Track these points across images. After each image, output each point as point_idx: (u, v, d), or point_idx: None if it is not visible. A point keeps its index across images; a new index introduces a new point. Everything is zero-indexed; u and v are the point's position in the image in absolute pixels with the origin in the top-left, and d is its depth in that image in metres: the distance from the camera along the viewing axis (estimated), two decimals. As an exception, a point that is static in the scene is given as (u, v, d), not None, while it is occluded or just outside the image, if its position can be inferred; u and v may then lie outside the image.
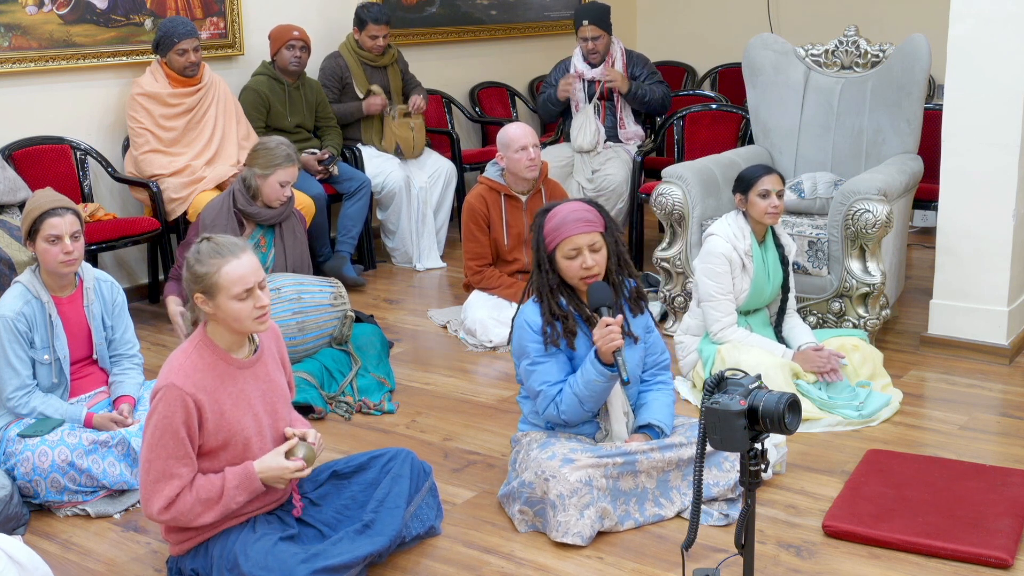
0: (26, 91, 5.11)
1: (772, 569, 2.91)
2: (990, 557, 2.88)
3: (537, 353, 3.15)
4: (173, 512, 2.71)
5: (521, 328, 3.19)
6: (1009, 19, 4.20)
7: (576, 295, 3.18)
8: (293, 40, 5.67)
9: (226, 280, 2.71)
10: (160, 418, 2.68)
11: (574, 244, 3.09)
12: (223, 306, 2.73)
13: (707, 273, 3.96)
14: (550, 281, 3.15)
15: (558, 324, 3.14)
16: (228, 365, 2.79)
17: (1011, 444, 3.68)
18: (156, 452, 2.68)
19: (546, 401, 3.15)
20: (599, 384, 3.06)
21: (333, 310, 4.29)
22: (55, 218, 3.38)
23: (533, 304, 3.19)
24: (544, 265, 3.16)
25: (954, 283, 4.51)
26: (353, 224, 5.82)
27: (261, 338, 2.91)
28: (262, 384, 2.86)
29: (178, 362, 2.74)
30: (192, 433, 2.71)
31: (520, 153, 4.76)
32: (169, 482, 2.69)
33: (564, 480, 3.02)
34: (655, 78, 6.12)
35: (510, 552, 3.04)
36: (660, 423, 3.24)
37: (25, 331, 3.40)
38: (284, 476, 2.82)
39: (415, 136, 6.17)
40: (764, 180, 3.91)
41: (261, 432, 2.84)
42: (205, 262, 2.73)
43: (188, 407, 2.68)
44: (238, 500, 2.77)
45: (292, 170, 4.35)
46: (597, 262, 3.11)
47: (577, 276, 3.12)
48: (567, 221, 3.11)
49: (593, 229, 3.12)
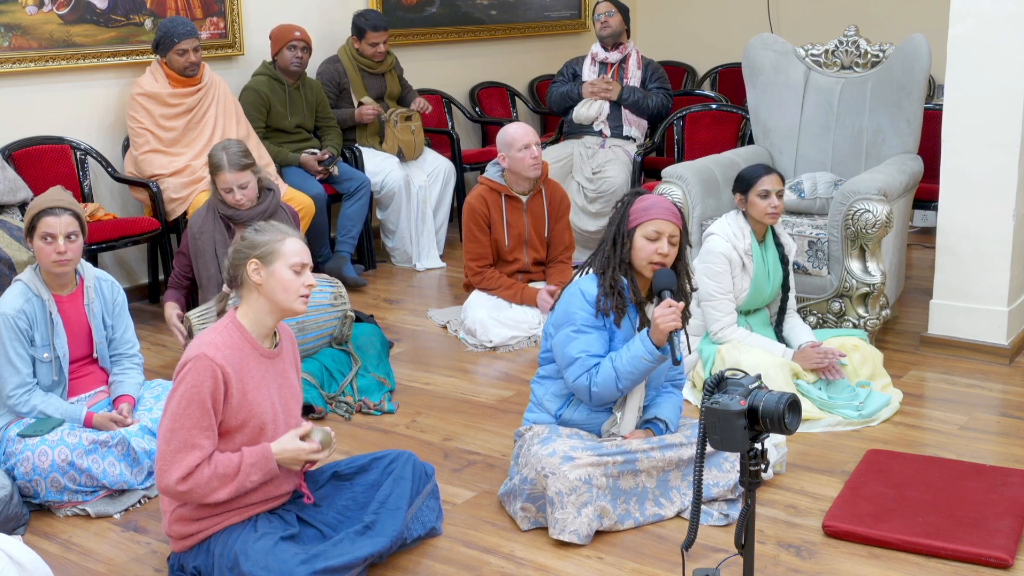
0: (26, 91, 5.11)
1: (772, 569, 2.91)
2: (990, 557, 2.88)
3: (584, 321, 3.19)
4: (191, 483, 2.71)
5: (573, 295, 3.23)
6: (1009, 19, 4.20)
7: (636, 281, 3.22)
8: (295, 40, 5.67)
9: (288, 249, 2.83)
10: (188, 387, 2.70)
11: (659, 227, 3.17)
12: (278, 273, 2.81)
13: (707, 272, 3.96)
14: (622, 255, 3.20)
15: (613, 298, 3.19)
16: (254, 350, 2.84)
17: (1011, 444, 3.68)
18: (180, 421, 2.70)
19: (581, 369, 3.16)
20: (644, 363, 3.09)
21: (333, 310, 4.29)
22: (51, 217, 3.38)
23: (591, 277, 3.24)
24: (621, 239, 3.21)
25: (954, 283, 4.51)
26: (353, 224, 5.82)
27: (281, 338, 2.96)
28: (280, 379, 2.91)
29: (209, 337, 2.78)
30: (217, 405, 2.73)
31: (523, 152, 4.76)
32: (191, 452, 2.70)
33: (563, 477, 3.02)
34: (660, 85, 6.15)
35: (510, 552, 3.04)
36: (665, 418, 3.27)
37: (26, 329, 3.40)
38: (300, 458, 2.85)
39: (416, 139, 6.18)
40: (764, 180, 3.91)
41: (276, 421, 2.87)
42: (267, 232, 2.85)
43: (217, 378, 2.71)
44: (253, 479, 2.79)
45: (234, 175, 4.21)
46: (671, 253, 3.18)
47: (648, 259, 3.17)
48: (659, 206, 3.20)
49: (679, 222, 3.21)
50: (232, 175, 4.23)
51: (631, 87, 6.08)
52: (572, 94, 6.18)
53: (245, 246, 2.85)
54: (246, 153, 4.29)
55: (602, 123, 6.10)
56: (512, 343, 4.76)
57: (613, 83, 6.06)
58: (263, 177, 4.37)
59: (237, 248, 2.86)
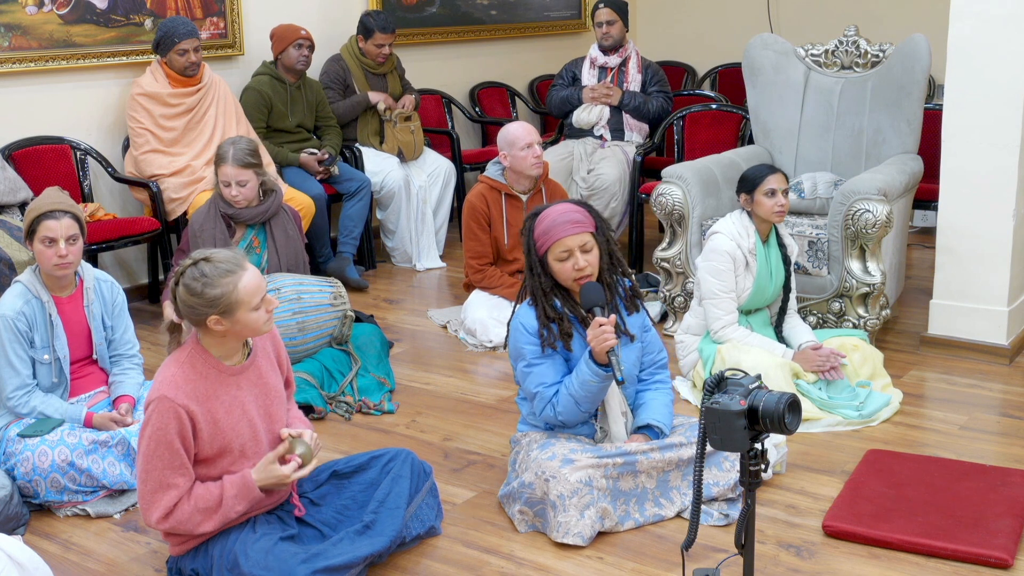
0: (26, 91, 5.11)
1: (772, 569, 2.91)
2: (990, 557, 2.88)
3: (533, 355, 3.15)
4: (172, 521, 2.71)
5: (517, 331, 3.19)
6: (1009, 19, 4.20)
7: (570, 297, 3.18)
8: (301, 39, 5.67)
9: (244, 294, 2.67)
10: (153, 430, 2.67)
11: (565, 246, 3.09)
12: (242, 320, 2.69)
13: (710, 271, 3.96)
14: (543, 284, 3.14)
15: (554, 326, 3.14)
16: (220, 373, 2.77)
17: (1011, 444, 3.68)
18: (152, 463, 2.68)
19: (543, 403, 3.15)
20: (594, 384, 3.06)
21: (333, 310, 4.29)
22: (51, 221, 3.38)
23: (528, 307, 3.19)
24: (536, 268, 3.15)
25: (954, 283, 4.51)
26: (355, 225, 5.82)
27: (253, 343, 2.89)
28: (255, 388, 2.85)
29: (169, 373, 2.72)
30: (187, 444, 2.70)
31: (526, 151, 4.76)
32: (167, 492, 2.69)
33: (564, 480, 3.02)
34: (660, 88, 6.15)
35: (510, 552, 3.04)
36: (659, 423, 3.24)
37: (25, 330, 3.40)
38: (283, 482, 2.81)
39: (415, 139, 6.18)
40: (770, 179, 3.91)
41: (257, 437, 2.83)
42: (217, 283, 2.65)
43: (181, 418, 2.67)
44: (237, 509, 2.77)
45: (235, 170, 4.24)
46: (589, 262, 3.11)
47: (570, 278, 3.12)
48: (556, 223, 3.10)
49: (583, 230, 3.11)
50: (233, 169, 4.25)
51: (631, 92, 6.08)
52: (572, 99, 6.18)
53: (200, 303, 2.65)
54: (254, 153, 4.31)
55: (602, 127, 6.09)
56: (512, 343, 4.75)
57: (613, 88, 6.06)
58: (267, 180, 4.38)
59: (190, 304, 2.67)
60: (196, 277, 2.67)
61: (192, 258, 2.72)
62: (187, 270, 2.70)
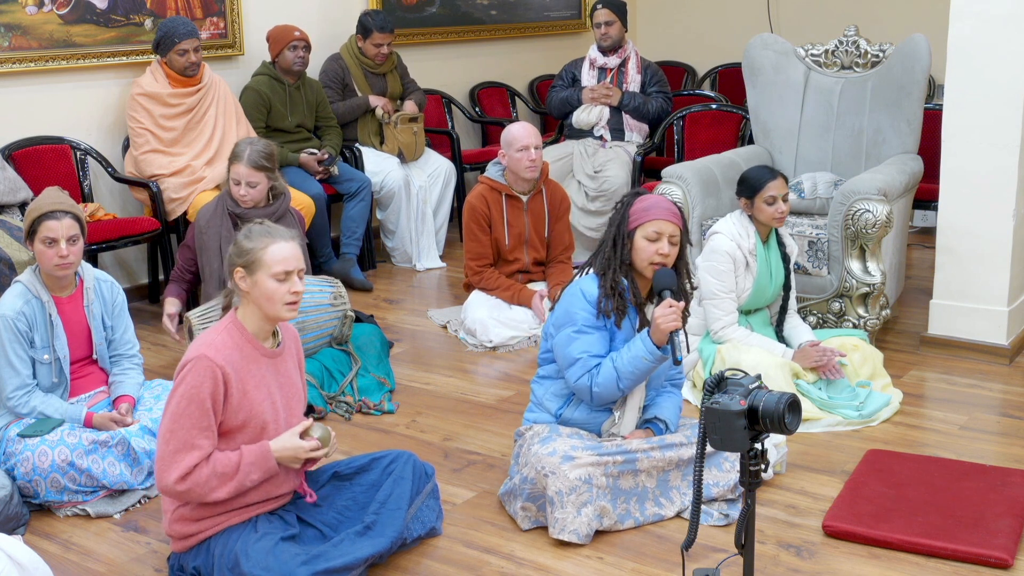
0: (26, 91, 5.11)
1: (772, 569, 2.91)
2: (990, 557, 2.88)
3: (585, 321, 3.19)
4: (189, 483, 2.71)
5: (574, 296, 3.23)
6: (1009, 19, 4.20)
7: (636, 282, 3.22)
8: (295, 41, 5.67)
9: (270, 258, 2.78)
10: (188, 387, 2.71)
11: (658, 227, 3.16)
12: (260, 283, 2.79)
13: (710, 271, 3.97)
14: (623, 256, 3.20)
15: (614, 300, 3.18)
16: (255, 350, 2.84)
17: (1011, 444, 3.68)
18: (180, 422, 2.70)
19: (583, 370, 3.17)
20: (645, 363, 3.09)
21: (333, 310, 4.29)
22: (52, 221, 3.38)
23: (592, 277, 3.24)
24: (621, 240, 3.21)
25: (954, 283, 4.51)
26: (357, 226, 5.82)
27: (284, 337, 2.96)
28: (282, 378, 2.91)
29: (210, 338, 2.79)
30: (217, 406, 2.74)
31: (521, 153, 4.77)
32: (189, 452, 2.71)
33: (563, 477, 3.02)
34: (659, 89, 6.16)
35: (510, 552, 3.04)
36: (665, 418, 3.27)
37: (25, 330, 3.40)
38: (299, 456, 2.84)
39: (416, 140, 6.18)
40: (770, 187, 3.90)
41: (277, 420, 2.87)
42: (254, 238, 2.82)
43: (217, 378, 2.72)
44: (252, 478, 2.79)
45: (247, 171, 4.27)
46: (671, 253, 3.18)
47: (649, 260, 3.17)
48: (659, 206, 3.20)
49: (679, 222, 3.20)
50: (245, 169, 4.29)
51: (631, 93, 6.09)
52: (572, 100, 6.18)
53: (234, 252, 2.84)
54: (269, 157, 4.34)
55: (602, 128, 6.09)
56: (512, 343, 4.76)
57: (613, 89, 6.06)
58: (277, 184, 4.41)
59: (231, 253, 2.86)
60: (244, 232, 2.87)
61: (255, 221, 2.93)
62: (245, 228, 2.89)
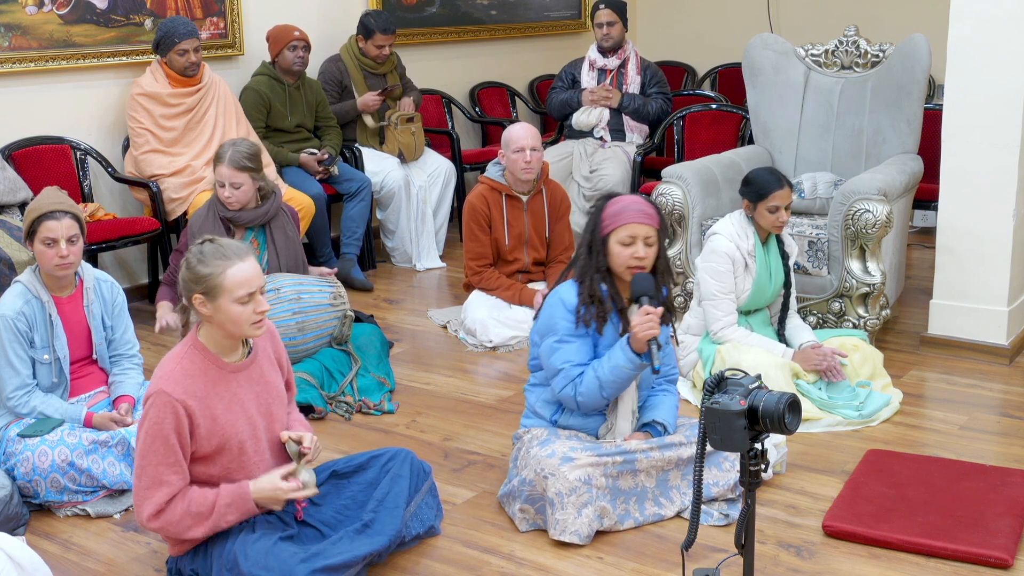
0: (26, 91, 5.11)
1: (772, 569, 2.91)
2: (990, 557, 2.88)
3: (566, 331, 3.17)
4: (162, 521, 2.70)
5: (554, 305, 3.21)
6: (1009, 19, 4.20)
7: (616, 285, 3.20)
8: (295, 41, 5.67)
9: (230, 282, 2.69)
10: (151, 425, 2.67)
11: (631, 232, 3.12)
12: (223, 309, 2.71)
13: (709, 272, 3.96)
14: (598, 264, 3.17)
15: (593, 308, 3.16)
16: (220, 369, 2.78)
17: (1011, 444, 3.68)
18: (147, 459, 2.68)
19: (565, 380, 3.16)
20: (625, 371, 3.07)
21: (333, 310, 4.29)
22: (52, 221, 3.38)
23: (571, 284, 3.21)
24: (596, 247, 3.18)
25: (954, 283, 4.51)
26: (357, 226, 5.81)
27: (255, 339, 2.90)
28: (256, 387, 2.86)
29: (168, 368, 2.73)
30: (183, 440, 2.70)
31: (517, 154, 4.77)
32: (159, 489, 2.68)
33: (563, 478, 3.02)
34: (659, 90, 6.16)
35: (510, 552, 3.04)
36: (663, 420, 3.26)
37: (25, 330, 3.40)
38: (279, 498, 2.81)
39: (416, 140, 6.18)
40: (776, 196, 3.87)
41: (256, 435, 2.84)
42: (209, 263, 2.70)
43: (178, 414, 2.67)
44: (228, 519, 2.76)
45: (230, 171, 4.22)
46: (648, 255, 3.14)
47: (625, 264, 3.14)
48: (630, 209, 3.15)
49: (652, 223, 3.15)
50: (228, 170, 4.23)
51: (631, 94, 6.09)
52: (572, 101, 6.18)
53: (189, 278, 2.72)
54: (252, 157, 4.28)
55: (602, 129, 6.10)
56: (512, 343, 4.75)
57: (613, 90, 6.07)
58: (264, 184, 4.36)
59: (183, 279, 2.74)
60: (195, 254, 2.74)
61: (203, 238, 2.80)
62: (194, 247, 2.77)
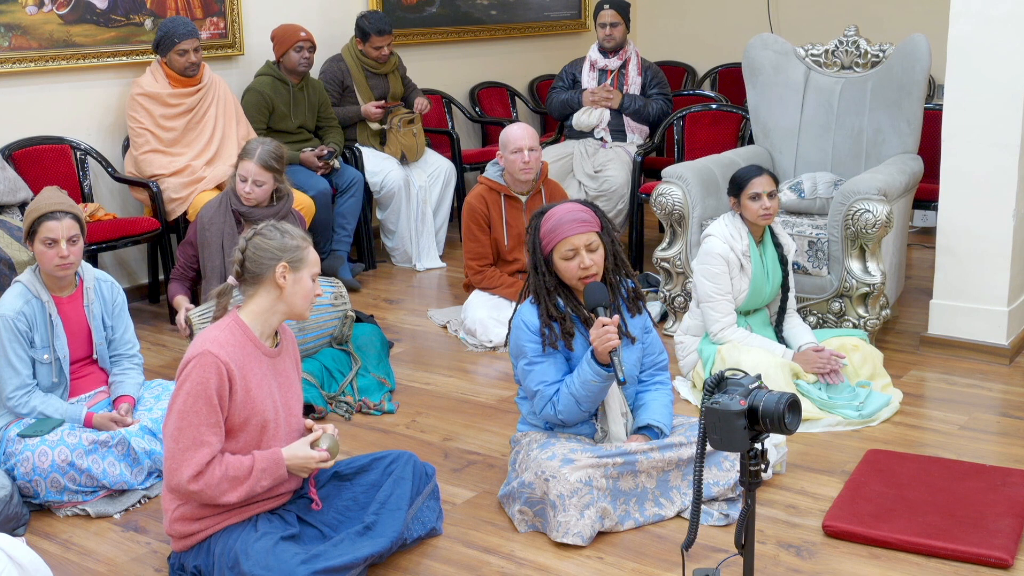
0: (26, 91, 5.11)
1: (772, 569, 2.91)
2: (990, 557, 2.88)
3: (534, 353, 3.15)
4: (202, 483, 2.71)
5: (518, 328, 3.19)
6: (1009, 19, 4.20)
7: (573, 296, 3.18)
8: (301, 41, 5.66)
9: (312, 258, 2.89)
10: (194, 384, 2.70)
11: (571, 244, 3.09)
12: (303, 281, 2.85)
13: (705, 274, 3.96)
14: (547, 283, 3.15)
15: (556, 325, 3.14)
16: (256, 348, 2.84)
17: (1011, 444, 3.68)
18: (187, 419, 2.70)
19: (543, 401, 3.15)
20: (595, 384, 3.06)
21: (333, 310, 4.29)
22: (52, 222, 3.38)
23: (531, 305, 3.19)
24: (541, 267, 3.16)
25: (954, 283, 4.51)
26: (347, 221, 5.81)
27: (282, 338, 2.97)
28: (281, 378, 2.92)
29: (213, 334, 2.78)
30: (223, 402, 2.74)
31: (515, 155, 4.77)
32: (200, 449, 2.70)
33: (564, 480, 3.02)
34: (660, 90, 6.16)
35: (510, 552, 3.04)
36: (659, 424, 3.24)
37: (25, 330, 3.40)
38: (309, 465, 2.87)
39: (417, 141, 6.18)
40: (754, 183, 3.90)
41: (277, 419, 2.88)
42: (294, 237, 2.86)
43: (222, 374, 2.72)
44: (263, 484, 2.80)
45: (256, 169, 4.31)
46: (595, 262, 3.11)
47: (575, 277, 3.12)
48: (563, 222, 3.11)
49: (589, 229, 3.12)
50: (255, 167, 4.33)
51: (631, 95, 6.09)
52: (572, 102, 6.18)
53: (274, 247, 2.82)
54: (279, 159, 4.39)
55: (603, 130, 6.09)
56: (512, 343, 4.75)
57: (614, 91, 6.06)
58: (283, 187, 4.45)
59: (262, 247, 2.83)
60: (274, 227, 2.88)
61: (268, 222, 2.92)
62: (262, 228, 2.88)
